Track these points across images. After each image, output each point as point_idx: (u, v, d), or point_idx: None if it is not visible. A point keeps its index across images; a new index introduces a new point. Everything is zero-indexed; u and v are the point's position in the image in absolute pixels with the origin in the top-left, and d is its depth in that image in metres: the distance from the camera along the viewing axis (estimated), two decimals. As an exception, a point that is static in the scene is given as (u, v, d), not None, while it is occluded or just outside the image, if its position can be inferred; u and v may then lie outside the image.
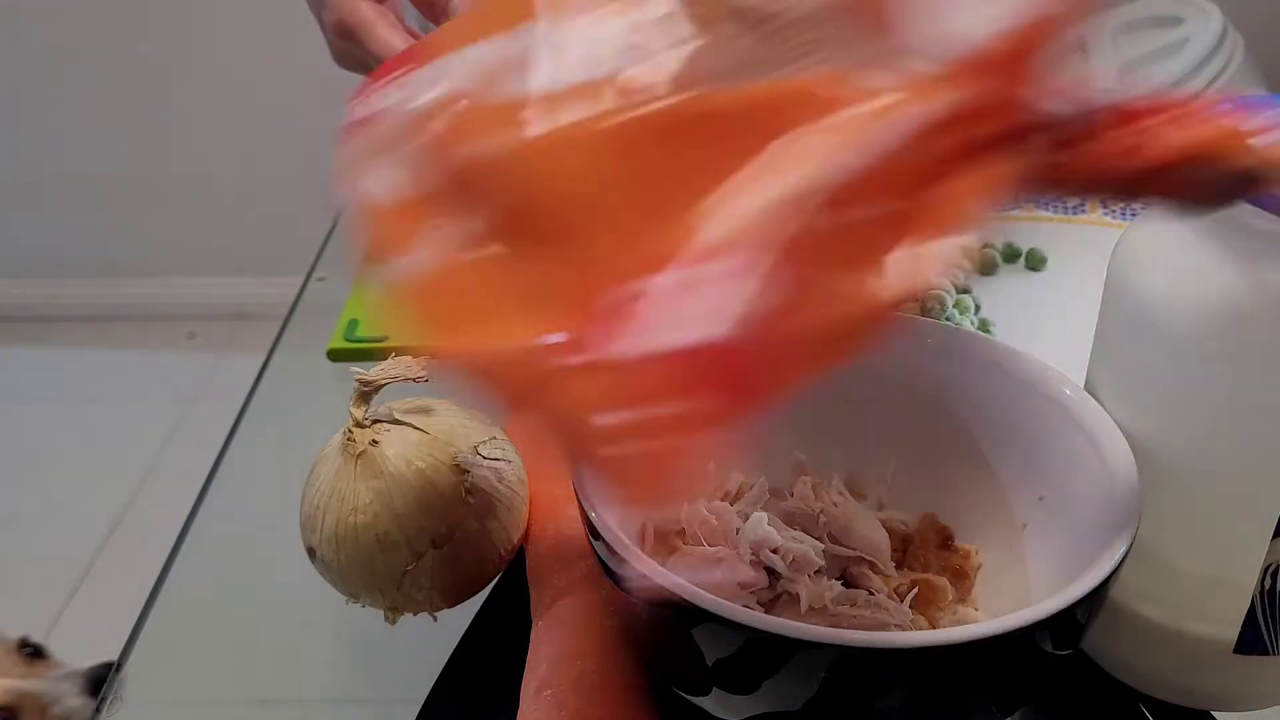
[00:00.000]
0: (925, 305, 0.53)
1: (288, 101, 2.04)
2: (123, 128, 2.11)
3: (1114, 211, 0.64)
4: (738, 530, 0.37)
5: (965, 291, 0.57)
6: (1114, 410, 0.36)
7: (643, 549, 0.39)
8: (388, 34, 0.54)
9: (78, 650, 1.47)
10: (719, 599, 0.29)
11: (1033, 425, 0.38)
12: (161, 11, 1.99)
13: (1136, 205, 0.36)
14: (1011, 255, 0.61)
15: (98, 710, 0.42)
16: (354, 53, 0.56)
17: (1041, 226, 0.64)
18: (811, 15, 0.26)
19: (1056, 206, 0.65)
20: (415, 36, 0.56)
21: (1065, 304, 0.58)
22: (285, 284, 0.98)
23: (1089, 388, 0.37)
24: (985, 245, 0.61)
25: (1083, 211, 0.64)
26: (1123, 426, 0.35)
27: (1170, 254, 0.33)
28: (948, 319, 0.53)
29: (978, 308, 0.56)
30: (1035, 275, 0.60)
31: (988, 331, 0.55)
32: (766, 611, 0.36)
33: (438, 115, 0.28)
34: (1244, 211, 0.31)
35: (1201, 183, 0.27)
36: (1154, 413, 0.35)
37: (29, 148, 2.15)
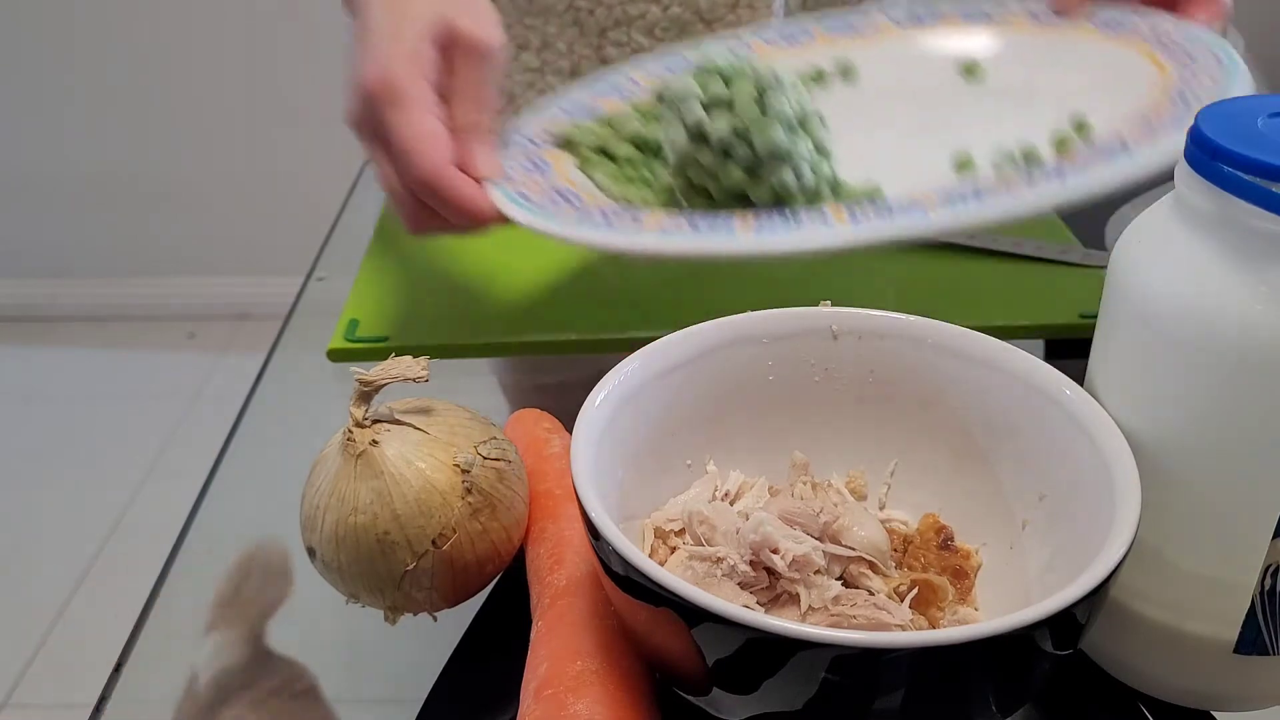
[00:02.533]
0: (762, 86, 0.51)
1: (288, 102, 2.05)
2: (123, 128, 2.12)
3: None
4: (738, 530, 0.37)
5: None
6: (1114, 410, 0.36)
7: (643, 549, 0.39)
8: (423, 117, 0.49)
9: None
10: (719, 599, 0.30)
11: (1033, 425, 0.38)
12: (163, 11, 2.00)
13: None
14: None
15: (97, 710, 0.42)
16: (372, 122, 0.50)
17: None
18: None
19: None
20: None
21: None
22: (285, 284, 0.98)
23: (1089, 388, 0.37)
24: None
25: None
26: (1123, 426, 0.35)
27: (1170, 254, 0.33)
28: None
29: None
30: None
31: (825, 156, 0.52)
32: (766, 611, 0.36)
33: None
34: (1244, 211, 0.31)
35: None
36: (1154, 413, 0.35)
37: (30, 147, 2.15)
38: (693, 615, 0.30)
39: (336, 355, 0.58)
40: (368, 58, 0.49)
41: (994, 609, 0.38)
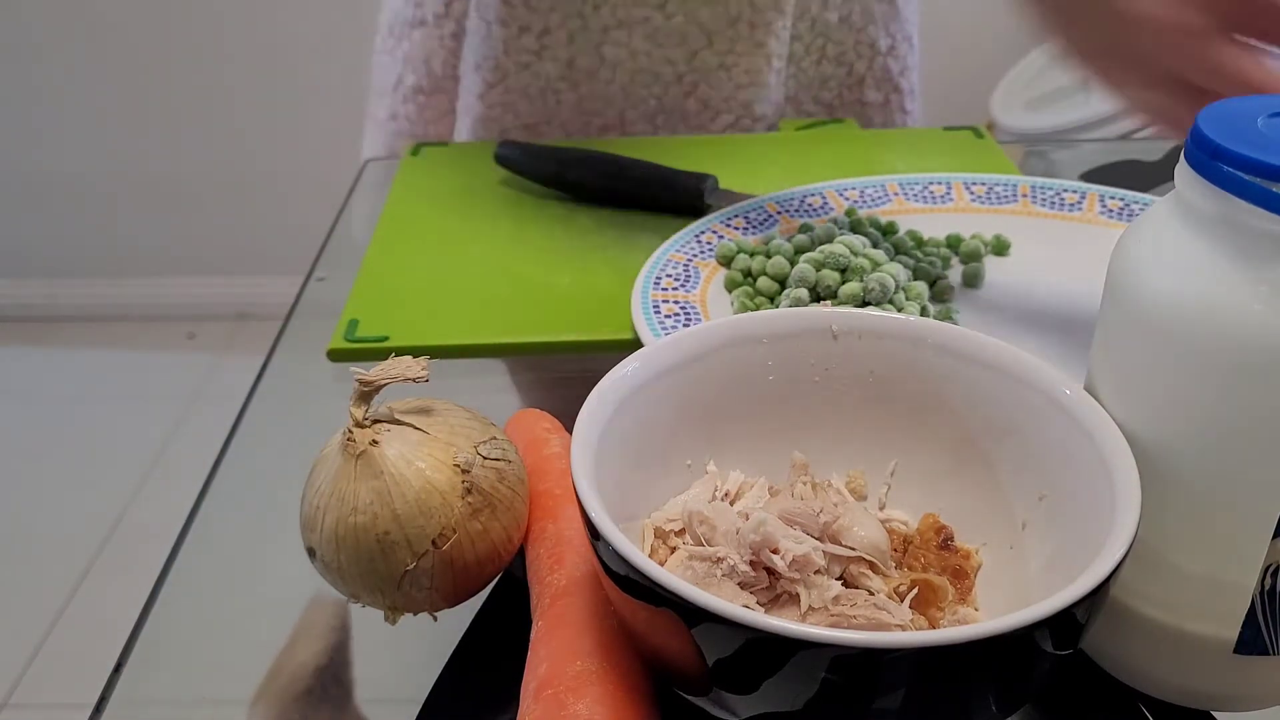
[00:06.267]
0: (867, 287, 0.53)
1: (288, 101, 2.05)
2: (123, 127, 2.12)
3: (1112, 211, 0.64)
4: (738, 530, 0.37)
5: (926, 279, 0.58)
6: (1114, 410, 0.36)
7: (643, 549, 0.39)
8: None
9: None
10: (719, 599, 0.30)
11: (1033, 425, 0.38)
12: (162, 11, 2.00)
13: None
14: (1000, 248, 0.63)
15: (97, 710, 0.42)
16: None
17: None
18: None
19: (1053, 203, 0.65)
20: None
21: (1028, 285, 0.60)
22: (285, 284, 0.98)
23: (1089, 388, 0.37)
24: (973, 236, 0.62)
25: (1079, 209, 0.64)
26: (1123, 426, 0.35)
27: (1170, 254, 0.33)
28: (891, 304, 0.53)
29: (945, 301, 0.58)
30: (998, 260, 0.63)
31: (950, 319, 0.56)
32: (766, 611, 0.36)
33: None
34: (1244, 211, 0.31)
35: None
36: (1154, 413, 0.35)
37: (29, 148, 2.15)
38: (693, 615, 0.30)
39: (336, 355, 0.58)
40: None
41: (994, 609, 0.38)
